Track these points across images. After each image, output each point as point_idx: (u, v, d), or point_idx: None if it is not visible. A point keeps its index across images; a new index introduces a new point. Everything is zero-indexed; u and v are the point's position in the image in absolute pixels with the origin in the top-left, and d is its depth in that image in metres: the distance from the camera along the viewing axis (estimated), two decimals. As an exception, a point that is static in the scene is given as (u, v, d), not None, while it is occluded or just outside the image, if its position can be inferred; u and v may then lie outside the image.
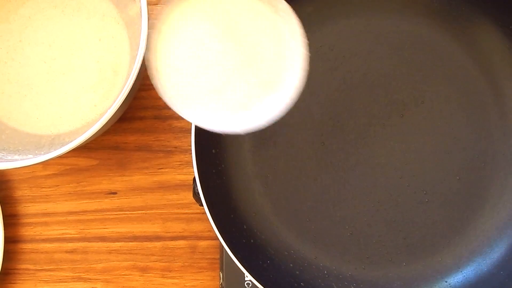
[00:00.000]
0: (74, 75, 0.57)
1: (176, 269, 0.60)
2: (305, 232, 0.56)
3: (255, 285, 0.54)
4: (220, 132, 0.45)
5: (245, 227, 0.55)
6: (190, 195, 0.55)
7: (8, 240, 0.59)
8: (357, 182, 0.56)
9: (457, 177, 0.55)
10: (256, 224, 0.56)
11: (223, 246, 0.56)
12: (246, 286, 0.55)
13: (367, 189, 0.56)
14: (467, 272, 0.55)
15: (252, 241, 0.55)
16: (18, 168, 0.48)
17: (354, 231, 0.56)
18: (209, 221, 0.58)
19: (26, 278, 0.60)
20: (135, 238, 0.60)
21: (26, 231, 0.60)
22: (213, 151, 0.55)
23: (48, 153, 0.48)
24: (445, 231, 0.55)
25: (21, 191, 0.60)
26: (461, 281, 0.54)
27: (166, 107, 0.59)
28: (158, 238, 0.60)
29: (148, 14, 0.48)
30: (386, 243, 0.56)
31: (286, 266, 0.55)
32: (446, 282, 0.55)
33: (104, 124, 0.48)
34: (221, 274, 0.56)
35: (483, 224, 0.55)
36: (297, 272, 0.55)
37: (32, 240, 0.60)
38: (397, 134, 0.56)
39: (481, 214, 0.55)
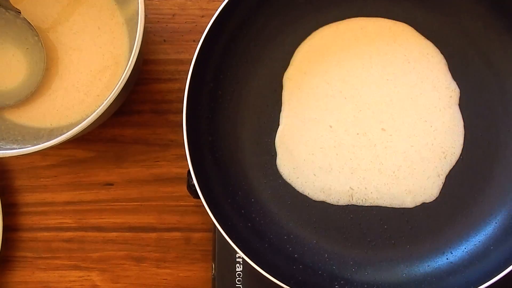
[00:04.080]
0: (79, 60, 0.58)
1: (170, 259, 0.61)
2: (305, 216, 0.56)
3: (246, 275, 0.56)
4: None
5: (243, 211, 0.56)
6: (185, 188, 0.56)
7: (7, 229, 0.60)
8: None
9: (461, 157, 0.56)
10: (255, 209, 0.56)
11: (216, 238, 0.57)
12: (237, 276, 0.56)
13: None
14: (469, 249, 0.55)
15: (249, 225, 0.55)
16: (17, 157, 0.49)
17: (355, 215, 0.56)
18: (203, 213, 0.60)
19: (25, 266, 0.61)
20: (130, 229, 0.61)
21: (25, 220, 0.61)
22: (210, 138, 0.56)
23: (45, 142, 0.49)
24: (448, 211, 0.55)
25: (20, 181, 0.61)
26: (462, 256, 0.55)
27: (163, 101, 0.61)
28: (153, 229, 0.61)
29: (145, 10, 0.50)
30: (389, 227, 0.55)
31: (285, 250, 0.55)
32: (447, 259, 0.55)
33: (101, 115, 0.49)
34: (213, 265, 0.57)
35: (486, 202, 0.55)
36: (296, 256, 0.55)
37: (31, 229, 0.61)
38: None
39: (484, 193, 0.56)
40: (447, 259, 0.55)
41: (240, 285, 0.56)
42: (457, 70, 0.56)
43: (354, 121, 0.56)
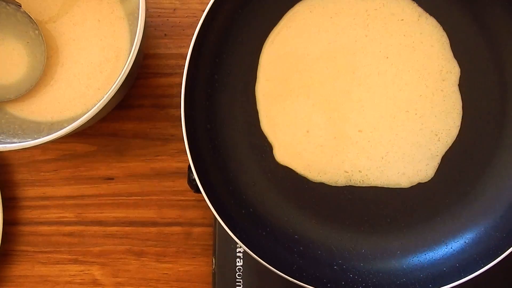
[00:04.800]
0: (81, 52, 0.58)
1: (170, 254, 0.61)
2: (305, 198, 0.56)
3: (246, 270, 0.56)
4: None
5: (244, 197, 0.55)
6: (185, 183, 0.56)
7: (7, 223, 0.60)
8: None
9: (458, 138, 0.55)
10: (255, 194, 0.56)
11: (216, 232, 0.57)
12: (238, 270, 0.56)
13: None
14: (468, 235, 0.55)
15: (251, 210, 0.55)
16: (17, 151, 0.49)
17: (352, 196, 0.56)
18: (203, 208, 0.60)
19: (25, 260, 0.61)
20: (131, 223, 0.61)
21: (25, 214, 0.61)
22: (208, 126, 0.55)
23: (46, 136, 0.49)
24: (445, 193, 0.55)
25: (21, 175, 0.61)
26: (462, 244, 0.55)
27: (164, 95, 0.61)
28: (153, 223, 0.61)
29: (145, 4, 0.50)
30: (385, 206, 0.56)
31: (286, 232, 0.55)
32: (443, 241, 0.55)
33: (101, 109, 0.49)
34: (213, 259, 0.57)
35: (484, 185, 0.55)
36: (296, 237, 0.55)
37: (31, 223, 0.61)
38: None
39: (482, 176, 0.55)
40: (443, 241, 0.55)
41: (241, 280, 0.56)
42: (458, 49, 0.55)
43: (332, 119, 0.56)
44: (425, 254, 0.55)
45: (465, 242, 0.55)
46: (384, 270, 0.54)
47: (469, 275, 0.50)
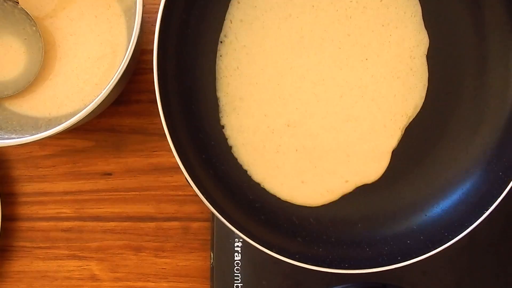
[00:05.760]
0: (78, 48, 0.58)
1: (168, 249, 0.61)
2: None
3: (244, 264, 0.56)
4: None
5: (213, 161, 0.54)
6: (183, 178, 0.56)
7: (5, 218, 0.60)
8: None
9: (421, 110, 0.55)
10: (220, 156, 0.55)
11: (214, 227, 0.58)
12: (236, 265, 0.57)
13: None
14: (443, 203, 0.54)
15: (211, 172, 0.54)
16: (15, 147, 0.49)
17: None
18: (201, 203, 0.60)
19: (23, 255, 0.62)
20: (129, 218, 0.61)
21: (23, 210, 0.61)
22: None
23: (44, 132, 0.49)
24: (405, 163, 0.55)
25: (19, 171, 0.61)
26: (439, 213, 0.54)
27: (161, 91, 0.61)
28: (151, 218, 0.61)
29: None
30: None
31: (246, 198, 0.54)
32: (426, 215, 0.55)
33: (99, 105, 0.50)
34: (212, 254, 0.58)
35: (441, 156, 0.55)
36: (257, 205, 0.54)
37: (29, 219, 0.61)
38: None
39: (440, 146, 0.55)
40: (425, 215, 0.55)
41: (239, 274, 0.57)
42: (430, 18, 0.54)
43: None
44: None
45: (426, 215, 0.54)
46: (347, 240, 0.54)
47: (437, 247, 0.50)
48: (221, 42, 0.54)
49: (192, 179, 0.50)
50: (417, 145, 0.55)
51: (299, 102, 0.55)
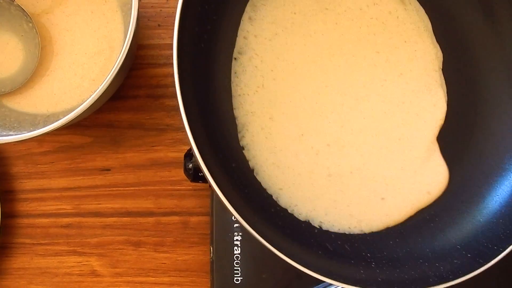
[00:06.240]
0: (75, 43, 0.58)
1: (168, 243, 0.61)
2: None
3: (244, 258, 0.56)
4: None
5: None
6: (182, 172, 0.56)
7: (5, 215, 0.61)
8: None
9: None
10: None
11: (213, 221, 0.58)
12: (235, 259, 0.57)
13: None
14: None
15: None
16: (14, 143, 0.49)
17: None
18: (200, 197, 0.60)
19: (23, 252, 0.62)
20: (128, 214, 0.61)
21: (22, 207, 0.62)
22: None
23: (42, 128, 0.49)
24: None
25: (17, 168, 0.62)
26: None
27: (158, 86, 0.61)
28: (151, 213, 0.61)
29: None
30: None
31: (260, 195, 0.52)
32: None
33: (96, 100, 0.50)
34: (211, 248, 0.58)
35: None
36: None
37: (28, 215, 0.62)
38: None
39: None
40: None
41: (239, 267, 0.57)
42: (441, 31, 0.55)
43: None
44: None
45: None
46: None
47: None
48: (235, 58, 0.52)
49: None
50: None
51: (344, 120, 0.53)
